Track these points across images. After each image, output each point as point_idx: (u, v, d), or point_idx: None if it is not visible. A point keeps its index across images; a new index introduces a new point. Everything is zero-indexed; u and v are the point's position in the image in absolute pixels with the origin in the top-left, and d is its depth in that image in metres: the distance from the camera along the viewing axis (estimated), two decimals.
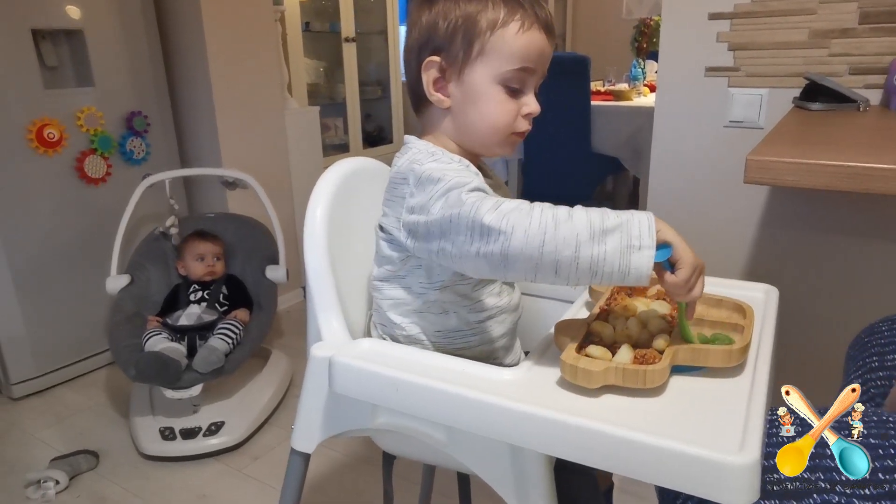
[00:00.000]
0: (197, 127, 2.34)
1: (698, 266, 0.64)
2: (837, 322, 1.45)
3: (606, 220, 0.61)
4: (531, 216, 0.61)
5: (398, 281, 0.79)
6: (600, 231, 0.60)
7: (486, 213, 0.62)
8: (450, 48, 0.74)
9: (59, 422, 1.87)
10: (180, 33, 2.25)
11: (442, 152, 0.75)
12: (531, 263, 0.61)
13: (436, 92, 0.76)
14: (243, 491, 1.56)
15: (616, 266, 0.60)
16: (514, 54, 0.73)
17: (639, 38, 3.96)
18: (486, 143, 0.79)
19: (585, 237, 0.60)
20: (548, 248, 0.60)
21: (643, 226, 0.60)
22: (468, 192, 0.66)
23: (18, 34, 1.84)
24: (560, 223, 0.60)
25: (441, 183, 0.68)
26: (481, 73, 0.74)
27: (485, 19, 0.73)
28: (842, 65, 1.39)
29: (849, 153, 0.90)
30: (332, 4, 3.36)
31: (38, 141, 1.89)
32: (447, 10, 0.74)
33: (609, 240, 0.60)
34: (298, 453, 0.85)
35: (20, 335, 1.95)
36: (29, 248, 1.93)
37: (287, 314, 2.59)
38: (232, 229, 2.07)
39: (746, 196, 1.53)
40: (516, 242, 0.60)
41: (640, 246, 0.60)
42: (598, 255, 0.60)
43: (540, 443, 0.61)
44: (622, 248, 0.60)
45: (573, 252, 0.60)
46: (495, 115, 0.75)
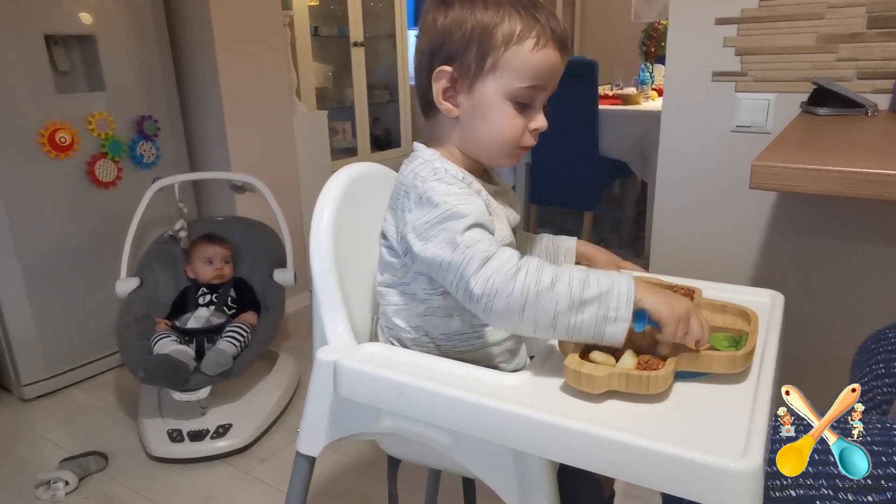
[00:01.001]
0: (206, 131, 2.36)
1: (681, 317, 0.65)
2: (843, 328, 1.45)
3: (587, 289, 0.63)
4: (514, 282, 0.63)
5: (402, 287, 0.80)
6: (579, 302, 0.63)
7: (472, 276, 0.65)
8: (462, 59, 0.74)
9: (69, 423, 1.89)
10: (190, 38, 2.27)
11: (445, 170, 0.75)
12: (511, 324, 0.66)
13: (445, 101, 0.76)
14: (250, 493, 1.57)
15: (591, 334, 0.64)
16: (527, 72, 0.73)
17: (647, 42, 3.95)
18: (492, 155, 0.79)
19: (564, 307, 0.63)
20: (527, 315, 0.63)
21: (622, 298, 0.63)
22: (463, 234, 0.68)
23: (32, 39, 1.86)
24: (541, 292, 0.63)
25: (439, 209, 0.70)
26: (492, 88, 0.74)
27: (500, 33, 0.72)
28: (850, 69, 1.39)
29: (856, 158, 0.90)
30: (341, 9, 3.37)
31: (51, 145, 1.92)
32: (463, 18, 0.73)
33: (587, 310, 0.63)
34: (304, 456, 0.86)
35: (31, 337, 1.97)
36: (40, 250, 1.95)
37: (294, 317, 2.60)
38: (240, 232, 2.09)
39: (753, 201, 1.52)
40: (498, 307, 0.64)
41: (616, 318, 0.63)
42: (574, 324, 0.63)
43: (543, 448, 0.61)
44: (598, 318, 0.63)
45: (551, 319, 0.63)
46: (503, 129, 0.75)
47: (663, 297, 0.65)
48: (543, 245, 0.99)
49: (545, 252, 0.99)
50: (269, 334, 1.87)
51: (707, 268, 1.63)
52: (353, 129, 3.57)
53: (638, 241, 3.35)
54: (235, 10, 2.25)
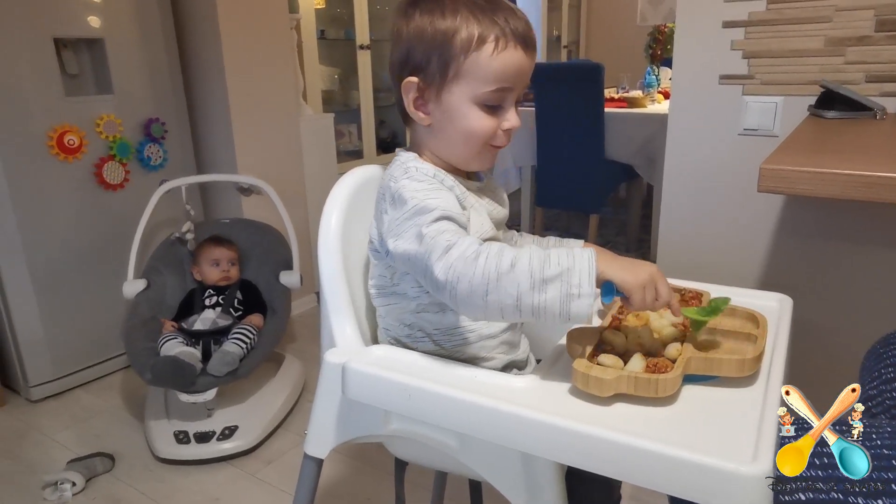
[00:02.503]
0: (213, 133, 2.37)
1: (645, 283, 0.65)
2: (852, 332, 1.44)
3: (547, 269, 0.62)
4: (475, 266, 0.63)
5: (392, 287, 0.81)
6: (541, 281, 0.62)
7: (436, 264, 0.65)
8: (426, 69, 0.75)
9: (76, 424, 1.89)
10: (198, 42, 2.28)
11: (416, 168, 0.76)
12: (479, 310, 0.65)
13: (416, 110, 0.78)
14: (256, 495, 1.57)
15: (557, 312, 0.63)
16: (490, 76, 0.73)
17: (653, 45, 3.95)
18: (465, 158, 0.80)
19: (526, 287, 0.62)
20: (491, 298, 0.63)
21: (583, 273, 0.62)
22: (429, 226, 0.68)
23: (41, 43, 1.88)
24: (502, 274, 0.63)
25: (408, 205, 0.71)
26: (458, 95, 0.74)
27: (459, 40, 0.72)
28: (858, 73, 1.38)
29: (865, 162, 0.90)
30: (347, 12, 3.38)
31: (59, 147, 1.93)
32: (423, 28, 0.74)
33: (549, 289, 0.62)
34: (311, 458, 0.86)
35: (39, 338, 1.98)
36: (48, 252, 1.97)
37: (300, 319, 2.60)
38: (246, 235, 2.09)
39: (760, 204, 1.52)
40: (462, 293, 0.64)
41: (580, 294, 0.62)
42: (538, 303, 0.62)
43: (551, 450, 0.61)
44: (562, 296, 0.62)
45: (515, 301, 0.63)
46: (472, 130, 0.76)
47: (625, 265, 0.65)
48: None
49: None
50: (276, 336, 1.88)
51: (714, 271, 1.62)
52: (358, 131, 3.57)
53: (643, 244, 3.34)
54: (243, 13, 2.26)
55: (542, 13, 5.10)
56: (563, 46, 5.49)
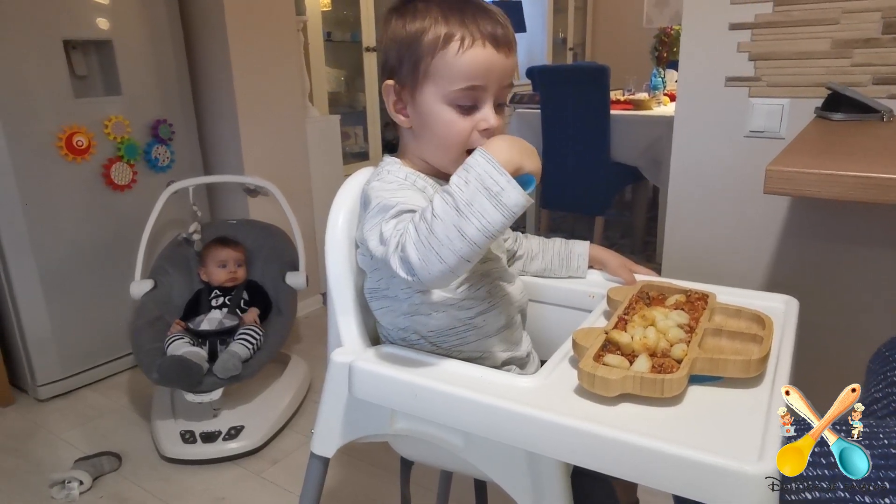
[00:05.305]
0: (220, 135, 2.38)
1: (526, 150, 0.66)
2: (858, 334, 1.43)
3: (459, 192, 0.63)
4: (411, 234, 0.64)
5: (383, 291, 0.81)
6: (465, 203, 0.62)
7: (391, 256, 0.66)
8: (401, 72, 0.77)
9: (84, 423, 1.90)
10: (205, 44, 2.29)
11: (388, 172, 0.78)
12: (440, 272, 0.64)
13: (397, 113, 0.79)
14: (262, 495, 1.58)
15: (499, 219, 0.62)
16: (457, 75, 0.73)
17: (659, 48, 3.95)
18: (442, 160, 0.80)
19: (455, 219, 0.62)
20: (442, 251, 0.63)
21: (489, 171, 0.62)
22: (387, 222, 0.70)
23: (51, 44, 1.89)
24: (431, 224, 0.63)
25: (372, 205, 0.73)
26: (429, 96, 0.75)
27: (426, 41, 0.73)
28: (865, 75, 1.38)
29: (871, 164, 0.89)
30: (354, 14, 3.40)
31: (68, 148, 1.94)
32: (396, 31, 0.76)
33: (475, 204, 0.62)
34: (318, 457, 0.86)
35: (47, 337, 1.99)
36: (56, 252, 1.98)
37: (306, 320, 2.61)
38: (253, 236, 2.10)
39: (766, 206, 1.52)
40: (416, 264, 0.64)
41: (502, 188, 0.62)
42: (480, 224, 0.62)
43: (557, 450, 0.62)
44: (491, 203, 0.62)
45: (459, 236, 0.62)
46: (446, 133, 0.76)
47: (511, 146, 0.66)
48: (556, 249, 0.99)
49: (557, 256, 0.99)
50: (282, 337, 1.88)
51: (720, 273, 1.62)
52: (364, 133, 3.59)
53: (649, 246, 3.34)
54: (250, 15, 2.27)
55: (548, 15, 5.10)
56: (569, 49, 5.50)
